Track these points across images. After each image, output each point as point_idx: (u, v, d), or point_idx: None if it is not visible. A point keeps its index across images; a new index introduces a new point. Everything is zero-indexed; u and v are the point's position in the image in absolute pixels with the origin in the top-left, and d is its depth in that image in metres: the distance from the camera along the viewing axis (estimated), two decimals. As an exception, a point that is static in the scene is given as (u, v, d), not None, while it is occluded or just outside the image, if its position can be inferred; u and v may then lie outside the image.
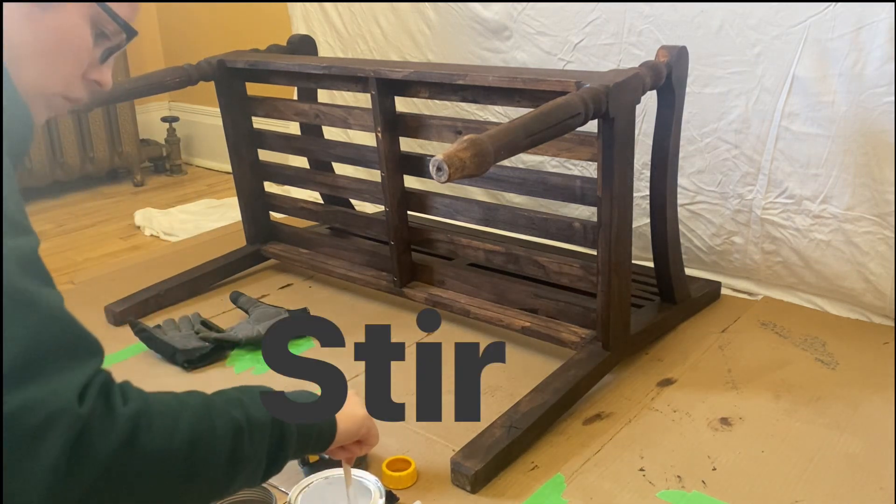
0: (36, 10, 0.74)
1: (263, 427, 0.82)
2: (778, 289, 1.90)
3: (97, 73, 0.83)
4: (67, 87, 0.80)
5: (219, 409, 0.78)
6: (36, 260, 0.68)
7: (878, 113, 1.59)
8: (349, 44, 2.52)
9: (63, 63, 0.78)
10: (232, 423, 0.78)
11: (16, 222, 0.68)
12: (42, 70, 0.77)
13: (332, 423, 0.99)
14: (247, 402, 0.82)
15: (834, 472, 1.28)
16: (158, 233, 2.59)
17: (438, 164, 1.07)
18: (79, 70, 0.81)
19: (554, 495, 1.26)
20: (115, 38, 0.82)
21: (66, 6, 0.76)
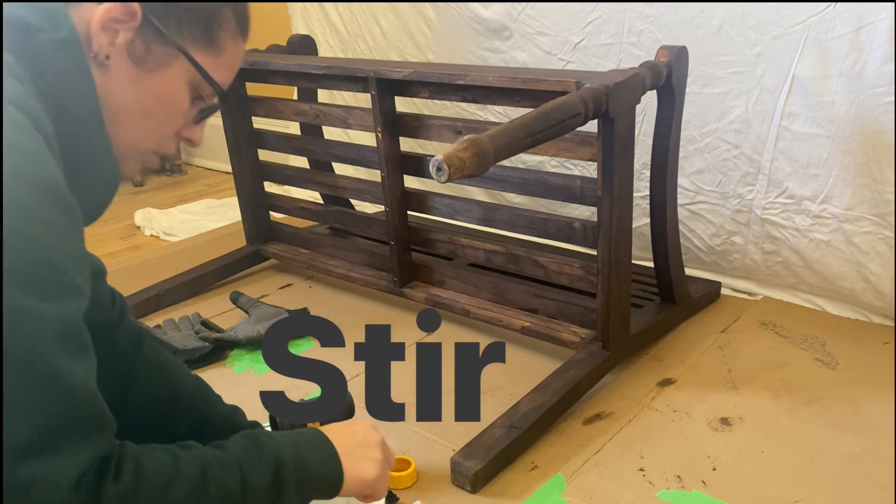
0: (141, 73, 0.79)
1: (259, 493, 0.81)
2: (778, 289, 1.90)
3: (189, 132, 0.87)
4: (160, 144, 0.85)
5: (214, 476, 0.77)
6: (75, 328, 0.69)
7: (878, 113, 1.59)
8: (349, 44, 2.53)
9: (160, 123, 0.83)
10: (225, 493, 0.78)
11: (66, 282, 0.68)
12: (140, 128, 0.81)
13: (335, 484, 0.92)
14: (246, 465, 0.81)
15: (834, 472, 1.28)
16: (158, 233, 2.59)
17: (438, 164, 1.07)
18: (174, 128, 0.85)
19: (554, 495, 1.26)
20: (210, 100, 0.86)
21: (169, 70, 0.80)
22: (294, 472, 0.84)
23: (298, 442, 0.88)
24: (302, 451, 0.87)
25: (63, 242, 0.68)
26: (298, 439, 0.89)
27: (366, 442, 0.96)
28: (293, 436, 0.89)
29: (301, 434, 0.90)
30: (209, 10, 0.81)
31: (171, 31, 0.79)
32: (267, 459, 0.83)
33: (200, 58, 0.81)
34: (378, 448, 0.97)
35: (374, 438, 0.97)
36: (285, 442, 0.86)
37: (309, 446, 0.89)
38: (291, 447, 0.86)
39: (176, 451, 0.76)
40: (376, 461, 0.95)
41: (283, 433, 0.89)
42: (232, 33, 0.84)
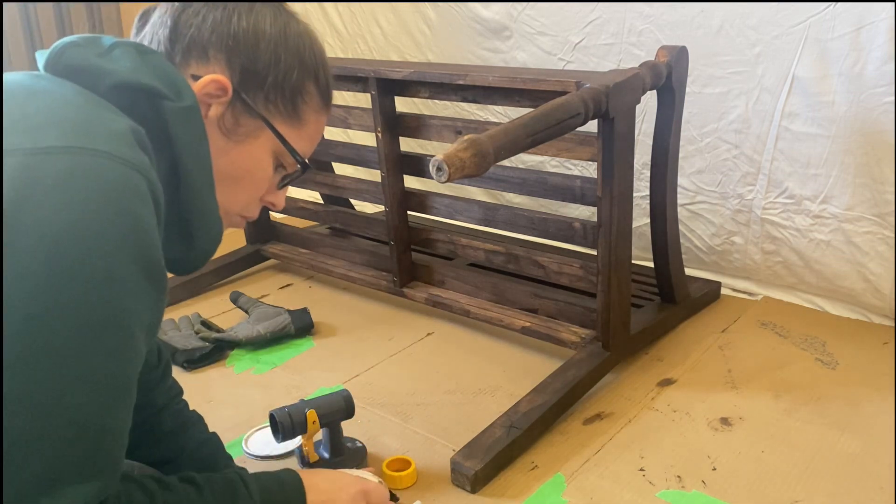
0: (231, 143, 0.84)
1: None
2: (778, 289, 1.90)
3: (273, 197, 0.92)
4: (246, 208, 0.90)
5: None
6: (129, 390, 0.73)
7: (878, 113, 1.59)
8: (349, 44, 2.53)
9: (246, 188, 0.88)
10: None
11: (132, 346, 0.72)
12: (229, 193, 0.86)
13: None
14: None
15: (834, 472, 1.28)
16: (158, 233, 2.58)
17: (438, 164, 1.07)
18: (258, 194, 0.90)
19: (554, 495, 1.26)
20: (292, 168, 0.91)
21: (256, 141, 0.85)
22: None
23: (273, 499, 0.91)
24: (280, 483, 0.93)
25: (141, 308, 0.71)
26: (274, 495, 0.92)
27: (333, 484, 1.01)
28: (273, 493, 0.92)
29: (282, 490, 0.94)
30: (295, 86, 0.86)
31: (258, 105, 0.84)
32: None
33: (284, 130, 0.87)
34: (350, 484, 1.02)
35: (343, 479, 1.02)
36: (259, 498, 0.89)
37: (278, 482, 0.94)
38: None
39: (155, 496, 0.79)
40: (352, 485, 1.02)
41: (264, 480, 0.92)
42: (315, 108, 0.90)
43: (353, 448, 1.35)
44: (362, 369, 1.66)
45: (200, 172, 0.81)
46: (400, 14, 2.36)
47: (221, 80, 0.81)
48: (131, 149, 0.72)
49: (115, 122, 0.73)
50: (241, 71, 0.83)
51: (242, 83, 0.83)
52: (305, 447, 1.31)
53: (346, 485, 1.02)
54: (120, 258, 0.68)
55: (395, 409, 1.50)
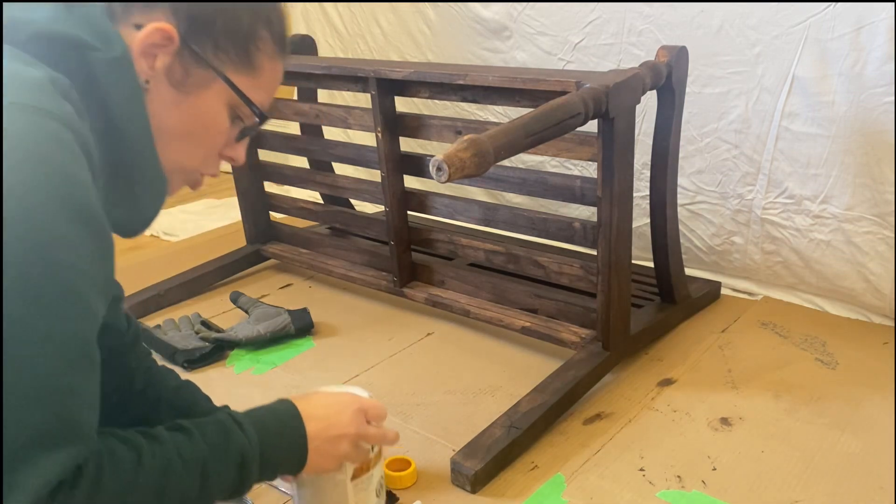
0: (181, 95, 0.80)
1: (219, 487, 0.82)
2: (778, 289, 1.90)
3: (231, 151, 0.89)
4: (204, 164, 0.87)
5: (175, 479, 0.78)
6: (86, 349, 0.71)
7: (878, 113, 1.59)
8: (349, 44, 2.53)
9: (202, 142, 0.85)
10: (183, 491, 0.78)
11: (82, 304, 0.69)
12: (184, 149, 0.83)
13: (296, 471, 0.94)
14: (210, 464, 0.81)
15: (834, 472, 1.28)
16: (158, 233, 2.59)
17: (438, 164, 1.07)
18: (216, 148, 0.87)
19: (554, 495, 1.26)
20: (249, 120, 0.87)
21: (208, 92, 0.81)
22: (257, 467, 0.86)
23: (269, 431, 0.88)
24: (269, 444, 0.88)
25: (85, 264, 0.69)
26: (271, 430, 0.89)
27: (337, 439, 0.96)
28: (267, 421, 0.89)
29: (276, 418, 0.91)
30: (246, 32, 0.82)
31: (208, 54, 0.80)
32: (233, 456, 0.83)
33: (238, 79, 0.83)
34: (348, 446, 0.97)
35: (350, 436, 0.97)
36: (254, 434, 0.86)
37: (278, 437, 0.90)
38: (259, 440, 0.86)
39: (142, 450, 0.76)
40: (338, 457, 0.97)
41: (257, 414, 0.89)
42: (269, 54, 0.85)
43: (353, 448, 1.35)
44: (362, 369, 1.66)
45: (136, 126, 0.77)
46: (400, 14, 2.36)
47: (166, 28, 0.77)
48: (51, 98, 0.68)
49: (31, 72, 0.69)
50: (187, 18, 0.78)
51: (189, 31, 0.78)
52: (305, 447, 1.31)
53: (344, 405, 0.98)
54: (52, 214, 0.65)
55: (395, 409, 1.50)
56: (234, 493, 0.85)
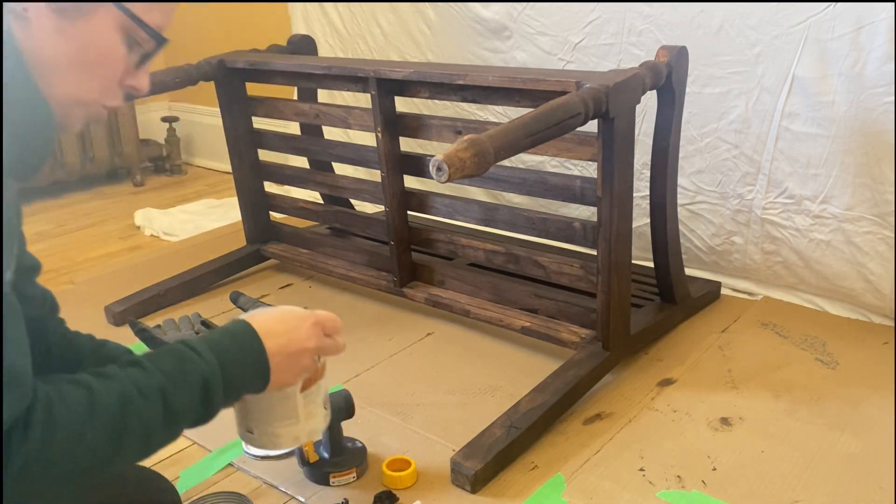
0: (64, 22, 0.74)
1: (183, 415, 0.79)
2: (778, 289, 1.89)
3: (133, 79, 0.83)
4: (105, 95, 0.81)
5: (134, 409, 0.75)
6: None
7: (878, 113, 1.59)
8: (349, 44, 2.52)
9: (97, 72, 0.79)
10: (146, 423, 0.76)
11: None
12: (77, 80, 0.78)
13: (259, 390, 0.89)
14: (170, 391, 0.78)
15: (834, 472, 1.28)
16: (158, 233, 2.59)
17: (438, 164, 1.07)
18: (114, 77, 0.81)
19: (554, 495, 1.26)
20: (147, 45, 0.81)
21: (94, 16, 0.76)
22: (221, 390, 0.82)
23: (228, 353, 0.84)
24: (230, 366, 0.84)
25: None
26: (228, 349, 0.85)
27: (298, 353, 0.91)
28: (224, 344, 0.85)
29: (234, 339, 0.86)
30: None
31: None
32: (193, 381, 0.80)
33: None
34: (309, 358, 0.92)
35: (309, 348, 0.92)
36: (213, 358, 0.82)
37: (238, 358, 0.85)
38: (219, 363, 0.83)
39: (92, 387, 0.74)
40: (299, 370, 0.92)
41: (213, 339, 0.85)
42: None
43: (353, 448, 1.35)
44: (362, 369, 1.66)
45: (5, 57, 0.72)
46: (400, 14, 2.35)
47: None
48: None
49: None
50: None
51: None
52: (305, 447, 1.31)
53: (301, 319, 0.93)
54: None
55: (395, 409, 1.50)
56: (202, 418, 0.82)
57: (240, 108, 2.05)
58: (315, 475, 1.31)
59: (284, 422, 0.95)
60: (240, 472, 1.35)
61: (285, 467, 1.35)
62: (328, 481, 1.30)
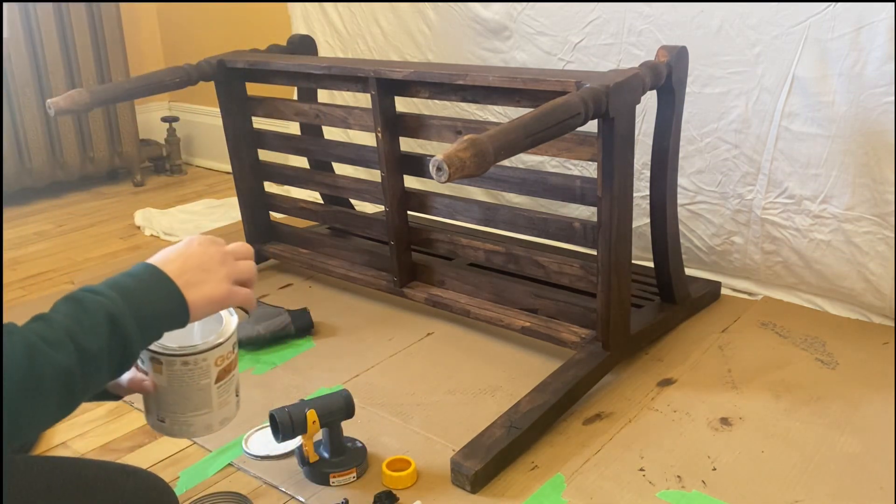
0: None
1: (101, 355, 0.76)
2: (778, 289, 1.90)
3: None
4: None
5: (44, 358, 0.72)
6: None
7: (878, 113, 1.59)
8: (349, 44, 2.52)
9: None
10: (62, 370, 0.73)
11: None
12: None
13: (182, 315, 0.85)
14: (77, 332, 0.75)
15: (834, 472, 1.28)
16: (158, 233, 2.59)
17: (438, 164, 1.07)
18: None
19: (554, 495, 1.26)
20: None
21: None
22: (132, 322, 0.79)
23: (128, 287, 0.81)
24: (134, 296, 0.81)
25: None
26: (127, 284, 0.82)
27: (203, 264, 0.87)
28: (121, 281, 0.82)
29: (130, 276, 0.83)
30: None
31: None
32: (99, 319, 0.77)
33: None
34: (218, 264, 0.88)
35: (212, 255, 0.88)
36: (113, 293, 0.80)
37: (141, 288, 0.82)
38: (121, 296, 0.80)
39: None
40: (219, 279, 0.87)
41: (108, 281, 0.82)
42: None
43: (353, 448, 1.36)
44: (362, 369, 1.66)
45: None
46: (400, 14, 2.35)
47: None
48: None
49: None
50: None
51: None
52: (305, 447, 1.31)
53: (189, 239, 0.90)
54: None
55: (395, 409, 1.50)
56: (125, 358, 0.79)
57: (240, 108, 2.05)
58: (315, 475, 1.31)
59: (198, 411, 0.94)
60: (240, 472, 1.35)
61: (285, 467, 1.35)
62: (328, 481, 1.30)
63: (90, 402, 0.80)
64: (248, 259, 0.93)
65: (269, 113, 2.03)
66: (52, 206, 2.92)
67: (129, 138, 3.08)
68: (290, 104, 2.00)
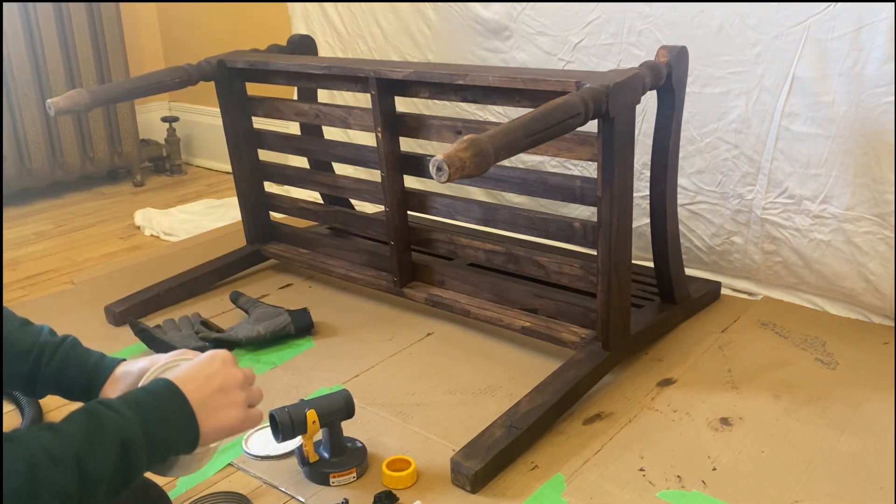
0: None
1: (102, 480, 0.74)
2: (778, 289, 1.89)
3: None
4: None
5: (45, 478, 0.70)
6: None
7: (878, 113, 1.59)
8: (349, 44, 2.52)
9: None
10: (60, 492, 0.71)
11: None
12: None
13: (192, 442, 0.84)
14: (86, 454, 0.73)
15: (834, 472, 1.28)
16: (158, 233, 2.59)
17: (438, 164, 1.07)
18: None
19: (554, 495, 1.26)
20: None
21: None
22: (143, 449, 0.78)
23: (147, 408, 0.80)
24: (150, 420, 0.79)
25: None
26: (147, 404, 0.80)
27: (223, 386, 0.86)
28: (141, 399, 0.81)
29: (151, 394, 0.82)
30: None
31: None
32: (111, 442, 0.75)
33: None
34: (237, 389, 0.88)
35: (233, 378, 0.88)
36: (131, 413, 0.78)
37: (158, 409, 0.81)
38: (139, 420, 0.78)
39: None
40: (237, 405, 0.87)
41: (128, 397, 0.80)
42: None
43: (353, 448, 1.36)
44: (362, 369, 1.66)
45: None
46: (400, 14, 2.35)
47: None
48: None
49: None
50: None
51: None
52: (305, 447, 1.31)
53: (210, 357, 0.89)
54: None
55: (395, 409, 1.50)
56: (125, 481, 0.77)
57: (240, 108, 2.05)
58: (315, 475, 1.31)
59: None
60: (240, 472, 1.35)
61: (285, 467, 1.35)
62: (328, 481, 1.30)
63: None
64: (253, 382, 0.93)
65: (269, 113, 2.03)
66: (52, 206, 2.92)
67: (129, 138, 3.08)
68: (290, 104, 2.00)
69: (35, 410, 1.51)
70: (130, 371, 0.96)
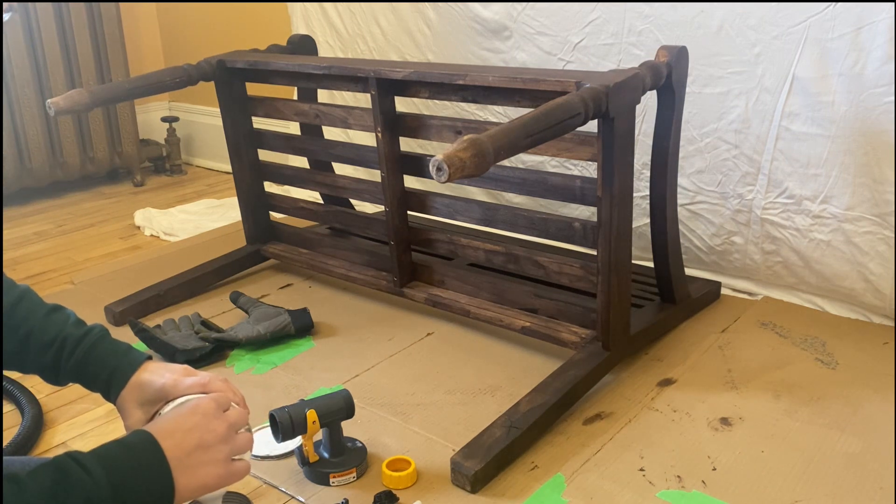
0: None
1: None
2: (778, 289, 1.90)
3: None
4: None
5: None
6: None
7: (878, 113, 1.59)
8: (349, 44, 2.52)
9: None
10: None
11: None
12: None
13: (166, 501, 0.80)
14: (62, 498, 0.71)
15: (834, 472, 1.28)
16: (158, 233, 2.59)
17: (438, 164, 1.07)
18: None
19: (554, 495, 1.26)
20: None
21: None
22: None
23: (122, 466, 0.77)
24: (121, 478, 0.76)
25: None
26: (122, 461, 0.77)
27: (203, 441, 0.83)
28: (115, 454, 0.78)
29: (128, 449, 0.79)
30: None
31: None
32: (75, 502, 0.72)
33: None
34: (218, 444, 0.84)
35: (213, 434, 0.84)
36: (100, 471, 0.74)
37: (134, 470, 0.77)
38: (108, 478, 0.74)
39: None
40: (216, 462, 0.84)
41: (101, 451, 0.77)
42: None
43: (353, 448, 1.36)
44: (362, 369, 1.66)
45: None
46: (400, 14, 2.35)
47: None
48: None
49: None
50: None
51: None
52: (305, 447, 1.31)
53: (193, 408, 0.85)
54: None
55: (395, 409, 1.50)
56: None
57: (240, 108, 2.05)
58: (315, 475, 1.31)
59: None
60: (240, 472, 1.35)
61: (285, 467, 1.35)
62: (328, 481, 1.30)
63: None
64: (245, 426, 0.90)
65: (269, 113, 2.03)
66: (52, 206, 2.92)
67: (129, 138, 3.08)
68: (290, 104, 2.00)
69: (35, 410, 1.51)
70: (152, 384, 0.93)
